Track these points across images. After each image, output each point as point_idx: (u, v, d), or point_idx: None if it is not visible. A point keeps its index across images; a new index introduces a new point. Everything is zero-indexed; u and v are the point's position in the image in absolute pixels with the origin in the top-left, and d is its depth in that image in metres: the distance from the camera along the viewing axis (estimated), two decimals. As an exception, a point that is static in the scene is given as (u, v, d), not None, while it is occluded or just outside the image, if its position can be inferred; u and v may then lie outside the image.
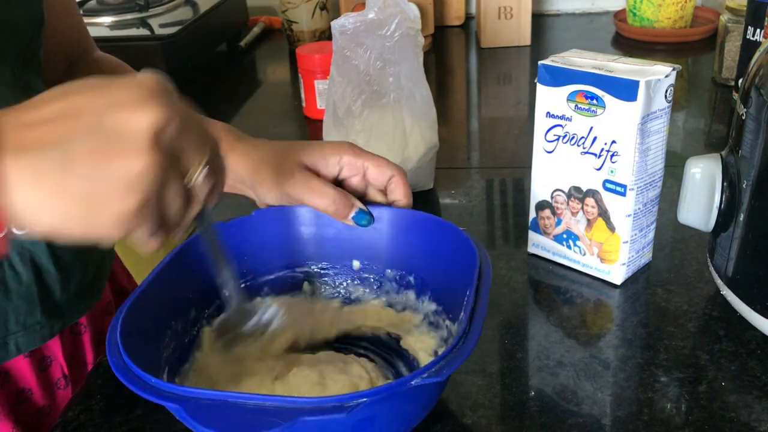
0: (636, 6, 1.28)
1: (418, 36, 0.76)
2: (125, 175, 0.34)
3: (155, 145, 0.34)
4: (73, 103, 0.35)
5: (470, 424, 0.50)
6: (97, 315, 0.69)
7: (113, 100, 0.34)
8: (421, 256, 0.56)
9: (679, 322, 0.59)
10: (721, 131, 0.95)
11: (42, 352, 0.63)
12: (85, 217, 0.34)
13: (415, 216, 0.56)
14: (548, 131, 0.63)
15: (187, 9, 1.27)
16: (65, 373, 0.65)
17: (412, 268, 0.57)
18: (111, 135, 0.34)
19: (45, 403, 0.63)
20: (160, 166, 0.34)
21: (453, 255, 0.53)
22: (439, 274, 0.55)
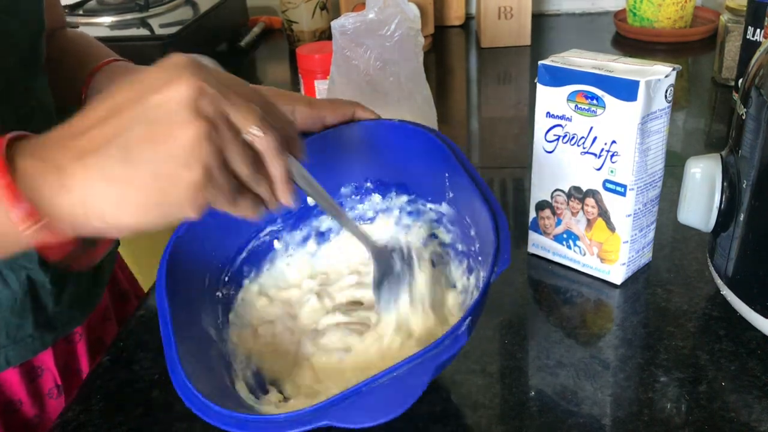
0: (636, 6, 1.28)
1: (418, 36, 0.76)
2: (181, 149, 0.35)
3: (197, 113, 0.35)
4: (113, 103, 0.37)
5: (470, 424, 0.50)
6: (94, 322, 0.68)
7: (147, 88, 0.36)
8: (373, 161, 0.57)
9: (679, 322, 0.59)
10: (721, 131, 0.95)
11: (32, 363, 0.62)
12: (161, 200, 0.36)
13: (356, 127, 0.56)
14: (548, 131, 0.63)
15: (187, 9, 1.27)
16: (58, 383, 0.64)
17: (367, 174, 0.58)
18: (155, 117, 0.35)
19: (35, 414, 0.62)
20: (210, 131, 0.36)
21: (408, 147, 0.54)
22: (399, 169, 0.56)
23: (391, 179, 0.58)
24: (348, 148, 0.57)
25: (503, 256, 0.43)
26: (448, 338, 0.40)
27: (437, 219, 0.57)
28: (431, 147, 0.53)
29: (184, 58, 0.38)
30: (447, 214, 0.55)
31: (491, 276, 0.42)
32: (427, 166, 0.54)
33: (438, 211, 0.56)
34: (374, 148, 0.57)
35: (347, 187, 0.59)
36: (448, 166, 0.51)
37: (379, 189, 0.59)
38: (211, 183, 0.36)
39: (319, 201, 0.47)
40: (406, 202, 0.58)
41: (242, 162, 0.38)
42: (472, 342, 0.58)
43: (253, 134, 0.38)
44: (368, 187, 0.59)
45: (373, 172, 0.58)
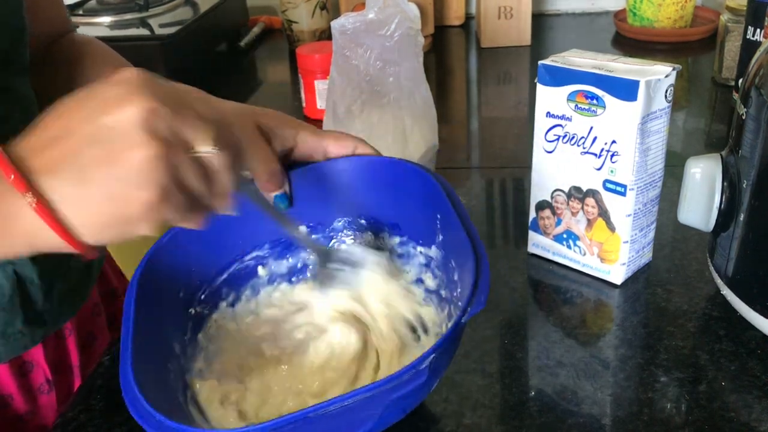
0: (636, 6, 1.28)
1: (418, 36, 0.76)
2: (134, 170, 0.35)
3: (150, 134, 0.35)
4: (67, 121, 0.37)
5: (470, 424, 0.50)
6: (83, 317, 0.68)
7: (99, 106, 0.36)
8: (367, 197, 0.56)
9: (679, 322, 0.59)
10: (721, 131, 0.95)
11: (22, 358, 0.62)
12: (117, 219, 0.37)
13: (354, 162, 0.56)
14: (548, 131, 0.63)
15: (187, 9, 1.27)
16: (48, 378, 0.64)
17: (361, 211, 0.57)
18: (108, 138, 0.35)
19: (27, 409, 0.62)
20: (163, 151, 0.36)
21: (404, 186, 0.54)
22: (393, 207, 0.55)
23: (385, 218, 0.57)
24: (345, 182, 0.56)
25: (479, 297, 0.41)
26: (407, 373, 0.38)
27: (426, 263, 0.55)
28: (426, 187, 0.52)
29: (137, 75, 0.37)
30: (435, 258, 0.54)
31: (462, 316, 0.41)
32: (421, 206, 0.53)
33: (427, 255, 0.55)
34: (371, 184, 0.56)
35: (341, 221, 0.58)
36: (441, 207, 0.50)
37: (372, 227, 0.57)
38: (165, 202, 0.37)
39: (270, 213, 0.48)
40: (397, 243, 0.57)
41: (195, 178, 0.38)
42: (471, 342, 0.58)
43: (205, 152, 0.38)
44: (362, 223, 0.58)
45: (367, 209, 0.57)
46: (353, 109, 0.77)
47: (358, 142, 0.56)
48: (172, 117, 0.36)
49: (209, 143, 0.38)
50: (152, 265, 0.49)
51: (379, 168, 0.56)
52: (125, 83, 0.36)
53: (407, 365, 0.39)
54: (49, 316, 0.62)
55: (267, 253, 0.58)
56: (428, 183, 0.52)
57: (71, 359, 0.67)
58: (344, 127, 0.78)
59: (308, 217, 0.58)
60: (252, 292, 0.57)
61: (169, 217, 0.38)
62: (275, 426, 0.37)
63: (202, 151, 0.38)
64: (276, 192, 0.53)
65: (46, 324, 0.61)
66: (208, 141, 0.38)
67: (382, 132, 0.77)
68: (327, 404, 0.37)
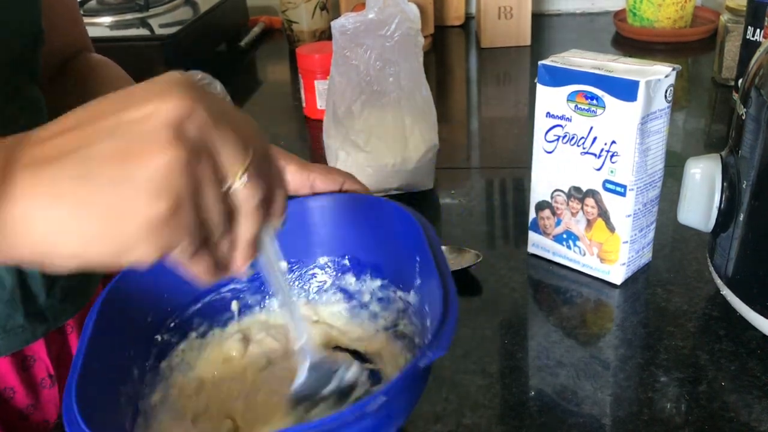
0: (636, 6, 1.28)
1: (418, 36, 0.76)
2: (150, 175, 0.29)
3: (179, 138, 0.30)
4: (92, 110, 0.32)
5: (470, 424, 0.50)
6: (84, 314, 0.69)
7: (129, 100, 0.31)
8: (351, 236, 0.55)
9: (679, 322, 0.59)
10: (721, 131, 0.95)
11: (23, 352, 0.62)
12: (112, 233, 0.30)
13: (339, 199, 0.54)
14: (548, 131, 0.63)
15: (187, 9, 1.27)
16: (50, 373, 0.64)
17: (344, 250, 0.55)
18: (131, 133, 0.30)
19: (29, 403, 0.63)
20: (189, 162, 0.30)
21: (387, 226, 0.52)
22: (375, 247, 0.53)
23: (367, 259, 0.55)
24: (329, 220, 0.55)
25: (442, 342, 0.38)
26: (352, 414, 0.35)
27: (404, 309, 0.53)
28: (407, 228, 0.50)
29: (183, 75, 0.32)
30: (413, 304, 0.51)
31: (420, 358, 0.37)
32: (402, 247, 0.51)
33: (406, 301, 0.52)
34: (354, 223, 0.54)
35: (324, 258, 0.56)
36: (420, 250, 0.48)
37: (354, 268, 0.56)
38: (176, 222, 0.30)
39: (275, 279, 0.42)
40: (378, 287, 0.55)
41: (216, 208, 0.32)
42: (471, 342, 0.58)
43: (238, 187, 0.33)
44: (345, 264, 0.56)
45: (351, 247, 0.55)
46: (353, 109, 0.77)
47: (347, 177, 0.54)
48: (210, 126, 0.31)
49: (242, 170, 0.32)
50: (122, 284, 0.47)
51: (363, 206, 0.54)
52: (166, 81, 0.32)
53: (353, 405, 0.35)
54: (50, 313, 0.62)
55: (245, 286, 0.55)
56: (411, 224, 0.50)
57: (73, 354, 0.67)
58: (344, 127, 0.78)
59: (290, 253, 0.56)
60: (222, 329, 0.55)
61: (175, 244, 0.31)
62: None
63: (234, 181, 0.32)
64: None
65: (47, 320, 0.62)
66: (241, 167, 0.32)
67: (382, 132, 0.77)
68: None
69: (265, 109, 1.16)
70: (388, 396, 0.36)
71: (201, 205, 0.31)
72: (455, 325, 0.39)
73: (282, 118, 1.10)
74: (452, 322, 0.39)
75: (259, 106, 1.17)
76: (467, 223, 0.76)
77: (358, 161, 0.78)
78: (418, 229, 0.49)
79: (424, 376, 0.41)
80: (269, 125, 1.08)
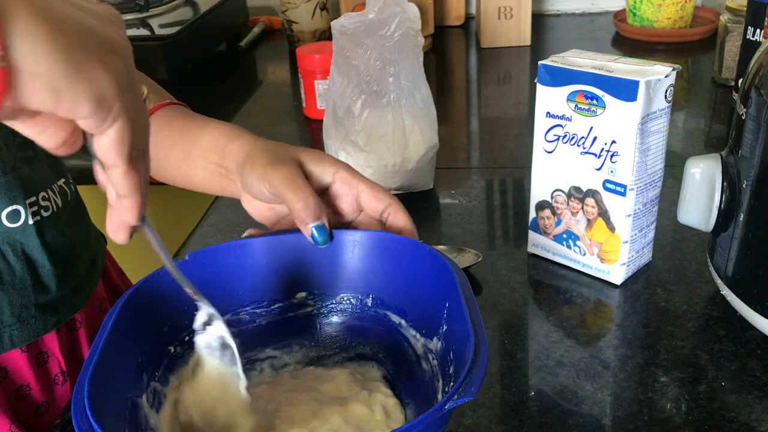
0: (636, 6, 1.28)
1: (418, 36, 0.76)
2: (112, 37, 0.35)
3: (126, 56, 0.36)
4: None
5: (470, 424, 0.50)
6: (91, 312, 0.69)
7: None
8: (378, 276, 0.54)
9: (679, 322, 0.59)
10: (721, 131, 0.95)
11: (39, 348, 0.63)
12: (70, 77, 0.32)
13: (372, 236, 0.53)
14: (548, 131, 0.63)
15: (187, 9, 1.27)
16: (63, 369, 0.65)
17: (368, 289, 0.54)
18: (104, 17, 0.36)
19: (43, 399, 0.63)
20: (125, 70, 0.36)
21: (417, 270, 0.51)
22: (402, 290, 0.52)
23: (391, 300, 0.54)
24: (360, 256, 0.54)
25: (470, 388, 0.38)
26: None
27: (423, 353, 0.52)
28: (440, 273, 0.49)
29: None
30: (435, 350, 0.50)
31: (448, 401, 0.37)
32: (431, 293, 0.50)
33: (426, 347, 0.51)
34: (384, 262, 0.53)
35: (346, 294, 0.55)
36: (450, 295, 0.47)
37: (376, 308, 0.55)
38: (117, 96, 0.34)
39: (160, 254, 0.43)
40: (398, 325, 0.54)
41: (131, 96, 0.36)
42: (472, 342, 0.58)
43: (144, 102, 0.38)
44: (367, 303, 0.55)
45: (376, 287, 0.54)
46: (353, 109, 0.77)
47: (393, 200, 0.54)
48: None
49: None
50: (145, 289, 0.47)
51: (395, 246, 0.53)
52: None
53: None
54: (60, 304, 0.63)
55: (264, 311, 0.55)
56: (444, 270, 0.49)
57: (83, 351, 0.68)
58: (344, 127, 0.78)
59: (312, 284, 0.56)
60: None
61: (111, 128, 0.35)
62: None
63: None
64: (314, 223, 0.52)
65: (57, 311, 0.63)
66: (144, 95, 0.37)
67: (382, 132, 0.77)
68: None
69: (265, 109, 1.16)
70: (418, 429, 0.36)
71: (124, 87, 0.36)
72: (485, 373, 0.40)
73: (282, 118, 1.10)
74: (483, 368, 0.40)
75: (259, 106, 1.17)
76: (467, 223, 0.76)
77: (358, 161, 0.78)
78: (452, 274, 0.48)
79: (446, 418, 0.41)
80: (269, 125, 1.08)
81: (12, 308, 0.59)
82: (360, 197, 0.54)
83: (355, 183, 0.54)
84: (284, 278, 0.55)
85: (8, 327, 0.59)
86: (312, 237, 0.52)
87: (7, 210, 0.58)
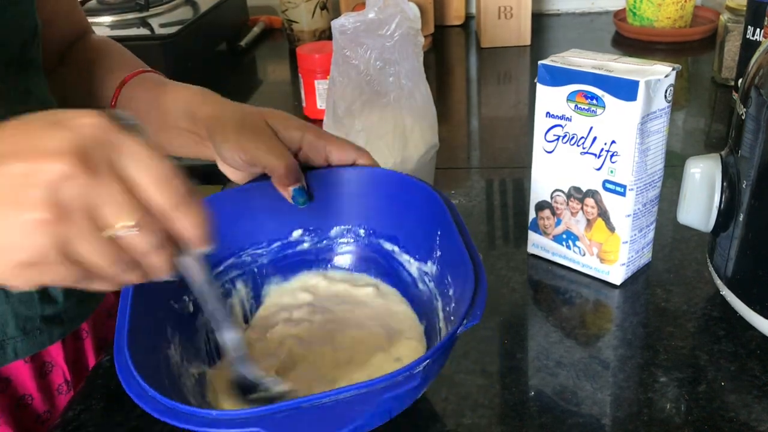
0: (636, 6, 1.28)
1: (418, 36, 0.76)
2: (18, 228, 0.33)
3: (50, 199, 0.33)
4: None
5: (470, 424, 0.50)
6: (98, 319, 0.69)
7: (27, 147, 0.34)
8: (369, 208, 0.57)
9: (679, 322, 0.59)
10: (721, 131, 0.95)
11: (43, 358, 0.62)
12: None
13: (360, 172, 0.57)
14: (548, 131, 0.63)
15: (187, 9, 1.27)
16: (67, 379, 0.64)
17: (360, 220, 0.58)
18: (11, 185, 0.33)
19: (45, 409, 0.63)
20: (53, 220, 0.33)
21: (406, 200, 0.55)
22: (393, 220, 0.56)
23: (383, 230, 0.58)
24: (348, 191, 0.57)
25: (475, 311, 0.42)
26: (401, 375, 0.39)
27: (419, 276, 0.56)
28: (429, 202, 0.53)
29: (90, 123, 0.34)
30: (430, 273, 0.54)
31: (458, 328, 0.42)
32: (422, 221, 0.54)
33: (421, 270, 0.55)
34: (373, 196, 0.57)
35: (339, 228, 0.59)
36: (442, 223, 0.51)
37: (369, 237, 0.59)
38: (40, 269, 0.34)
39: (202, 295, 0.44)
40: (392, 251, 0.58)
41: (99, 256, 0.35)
42: (471, 342, 0.58)
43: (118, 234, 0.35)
44: (360, 233, 0.59)
45: (367, 219, 0.58)
46: (353, 109, 0.77)
47: (360, 152, 0.56)
48: (89, 188, 0.33)
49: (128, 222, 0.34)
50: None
51: (384, 180, 0.56)
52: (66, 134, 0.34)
53: (402, 367, 0.39)
54: (66, 315, 0.62)
55: (264, 251, 0.59)
56: (432, 198, 0.53)
57: (88, 360, 0.68)
58: (344, 127, 0.78)
59: (306, 221, 0.59)
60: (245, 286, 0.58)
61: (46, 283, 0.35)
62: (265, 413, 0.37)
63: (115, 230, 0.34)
64: (294, 186, 0.54)
65: (63, 323, 0.62)
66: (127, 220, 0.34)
67: (382, 132, 0.77)
68: (320, 396, 0.38)
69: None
70: (432, 359, 0.40)
71: (75, 256, 0.34)
72: (486, 295, 0.43)
73: (282, 118, 1.10)
74: (483, 291, 0.43)
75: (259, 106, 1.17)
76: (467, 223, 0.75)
77: (358, 161, 0.78)
78: (440, 202, 0.51)
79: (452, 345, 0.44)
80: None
81: (17, 320, 0.58)
82: (330, 157, 0.56)
83: (323, 144, 0.55)
84: (279, 220, 0.59)
85: (12, 339, 0.58)
86: (293, 198, 0.54)
87: None
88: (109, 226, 0.34)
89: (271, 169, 0.53)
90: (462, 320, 0.42)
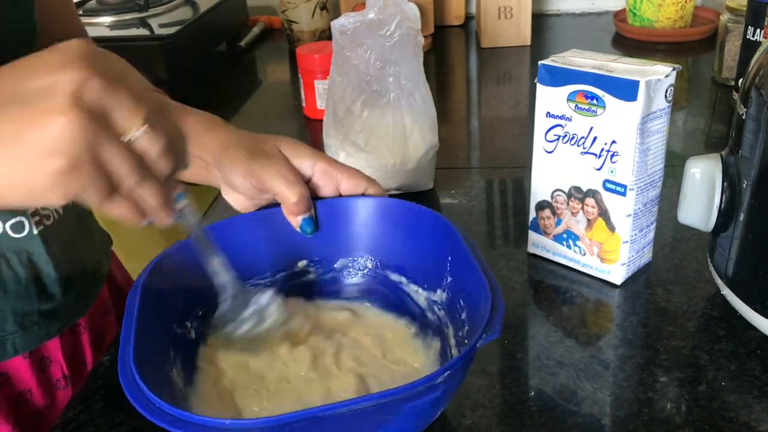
0: (636, 6, 1.28)
1: (418, 36, 0.76)
2: (50, 135, 0.34)
3: (76, 104, 0.34)
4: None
5: (470, 424, 0.50)
6: (94, 315, 0.69)
7: (33, 69, 0.35)
8: (376, 239, 0.56)
9: (679, 322, 0.59)
10: (721, 131, 0.95)
11: (41, 353, 0.63)
12: (25, 181, 0.35)
13: (367, 202, 0.56)
14: (548, 131, 0.63)
15: (187, 9, 1.27)
16: (65, 373, 0.65)
17: (367, 252, 0.57)
18: (32, 99, 0.34)
19: (44, 404, 0.63)
20: (85, 124, 0.34)
21: (414, 229, 0.54)
22: (401, 250, 0.56)
23: (390, 260, 0.57)
24: (354, 220, 0.56)
25: (495, 327, 0.42)
26: (422, 385, 0.38)
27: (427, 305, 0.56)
28: (437, 228, 0.52)
29: (84, 46, 0.36)
30: (440, 300, 0.53)
31: (478, 340, 0.41)
32: (431, 248, 0.53)
33: (430, 299, 0.55)
34: (380, 225, 0.56)
35: (344, 260, 0.58)
36: (453, 248, 0.50)
37: (376, 269, 0.58)
38: (76, 175, 0.35)
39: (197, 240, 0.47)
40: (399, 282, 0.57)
41: (121, 161, 0.36)
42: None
43: (137, 139, 0.36)
44: (367, 265, 0.58)
45: (374, 250, 0.57)
46: (353, 109, 0.77)
47: (370, 182, 0.56)
48: (106, 90, 0.35)
49: (140, 122, 0.36)
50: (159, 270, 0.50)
51: (392, 210, 0.56)
52: (66, 51, 0.35)
53: (423, 377, 0.38)
54: (63, 311, 0.63)
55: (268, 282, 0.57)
56: (441, 224, 0.52)
57: (85, 355, 0.68)
58: (344, 127, 0.78)
59: (311, 252, 0.58)
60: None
61: (81, 193, 0.36)
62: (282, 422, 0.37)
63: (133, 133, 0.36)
64: (303, 215, 0.54)
65: (60, 318, 0.63)
66: (139, 120, 0.36)
67: (382, 132, 0.77)
68: (338, 406, 0.37)
69: (265, 109, 1.16)
70: (452, 370, 0.40)
71: (103, 158, 0.35)
72: (504, 313, 0.43)
73: (282, 118, 1.10)
74: (501, 309, 0.43)
75: (259, 106, 1.17)
76: (467, 223, 0.76)
77: (358, 161, 0.78)
78: (448, 225, 0.51)
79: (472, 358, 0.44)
80: (269, 125, 1.08)
81: (15, 316, 0.59)
82: (341, 186, 0.56)
83: (334, 173, 0.55)
84: (283, 249, 0.57)
85: (11, 335, 0.59)
86: (300, 228, 0.54)
87: (11, 221, 0.58)
88: (125, 129, 0.36)
89: (282, 198, 0.53)
90: (481, 333, 0.41)
